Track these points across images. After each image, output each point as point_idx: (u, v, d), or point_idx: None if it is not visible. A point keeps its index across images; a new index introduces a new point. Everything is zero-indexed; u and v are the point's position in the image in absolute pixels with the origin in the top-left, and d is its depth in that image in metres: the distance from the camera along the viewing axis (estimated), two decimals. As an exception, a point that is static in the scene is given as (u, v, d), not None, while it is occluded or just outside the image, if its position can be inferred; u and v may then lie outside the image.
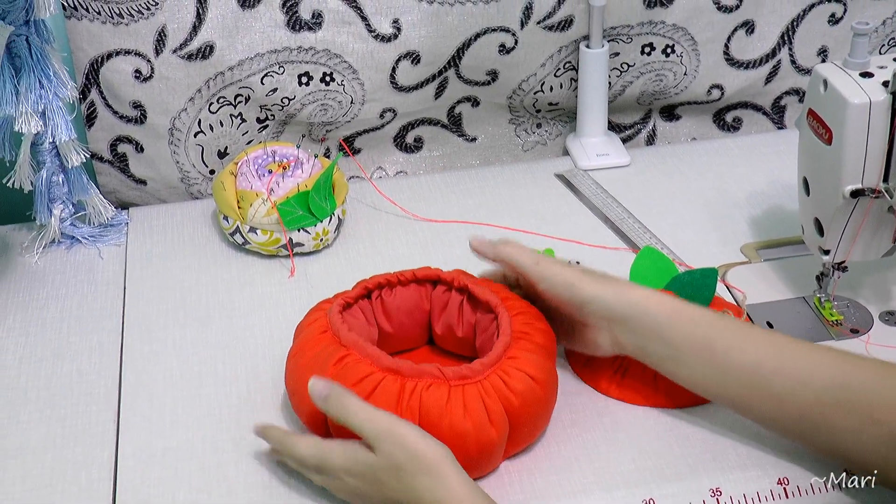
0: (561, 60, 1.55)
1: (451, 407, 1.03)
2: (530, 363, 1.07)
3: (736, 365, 1.04)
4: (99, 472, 1.11)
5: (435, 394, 1.03)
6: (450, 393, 1.03)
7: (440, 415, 1.02)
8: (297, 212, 1.35)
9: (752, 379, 1.04)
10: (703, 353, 1.06)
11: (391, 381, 1.04)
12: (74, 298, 1.35)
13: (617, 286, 1.10)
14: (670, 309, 1.08)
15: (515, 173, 1.56)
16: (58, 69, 1.31)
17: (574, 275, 1.11)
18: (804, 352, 1.04)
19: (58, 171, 1.39)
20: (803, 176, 1.22)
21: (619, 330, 1.10)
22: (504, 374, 1.06)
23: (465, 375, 1.04)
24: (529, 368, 1.06)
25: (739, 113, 1.66)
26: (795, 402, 1.02)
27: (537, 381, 1.07)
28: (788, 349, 1.04)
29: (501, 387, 1.05)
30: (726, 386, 1.06)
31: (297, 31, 1.43)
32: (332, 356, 1.07)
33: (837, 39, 1.59)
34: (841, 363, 1.02)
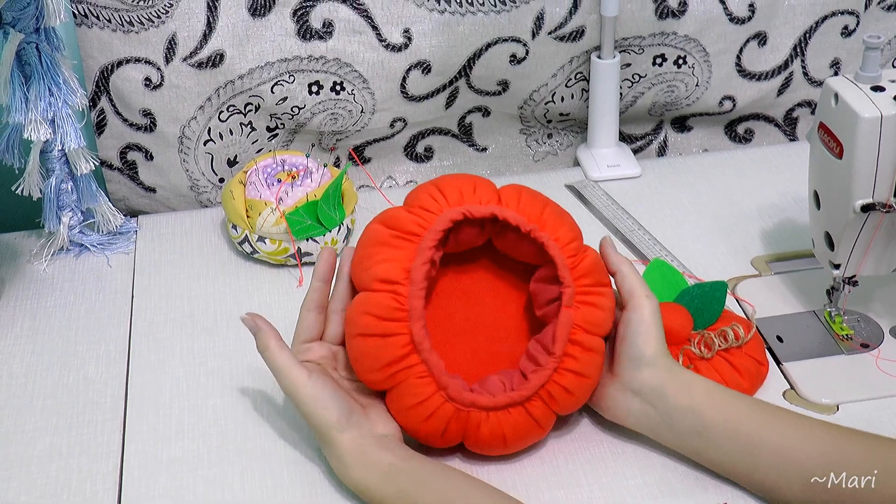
0: (572, 71, 1.54)
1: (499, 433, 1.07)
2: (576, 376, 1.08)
3: (766, 445, 1.04)
4: (104, 482, 1.11)
5: (484, 426, 1.07)
6: (498, 421, 1.07)
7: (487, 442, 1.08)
8: (305, 221, 1.35)
9: (781, 458, 1.03)
10: (732, 430, 1.05)
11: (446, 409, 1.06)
12: (82, 306, 1.35)
13: (674, 366, 1.09)
14: (706, 389, 1.07)
15: (526, 183, 1.52)
16: (68, 77, 1.31)
17: (656, 334, 1.09)
18: (832, 434, 1.04)
19: (67, 178, 1.39)
20: (814, 189, 1.21)
21: (651, 402, 1.08)
22: (556, 390, 1.07)
23: (512, 402, 1.07)
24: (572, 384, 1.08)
25: (751, 125, 1.65)
26: (827, 483, 1.01)
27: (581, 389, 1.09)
28: (818, 430, 1.04)
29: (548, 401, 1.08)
30: (753, 466, 1.04)
31: (307, 40, 1.43)
32: (395, 354, 1.05)
33: (850, 52, 1.59)
34: (872, 448, 1.02)
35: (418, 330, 1.05)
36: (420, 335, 1.05)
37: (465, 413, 1.06)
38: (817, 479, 1.01)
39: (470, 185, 1.12)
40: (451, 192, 1.10)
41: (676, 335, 1.19)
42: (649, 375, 1.08)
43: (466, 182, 1.12)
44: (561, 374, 1.07)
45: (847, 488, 1.00)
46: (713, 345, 1.18)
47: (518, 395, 1.06)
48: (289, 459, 1.12)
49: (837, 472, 1.00)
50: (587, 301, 1.09)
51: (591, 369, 1.08)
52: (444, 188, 1.11)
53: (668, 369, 1.08)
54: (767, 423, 1.05)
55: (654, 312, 1.10)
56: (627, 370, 1.09)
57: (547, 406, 1.07)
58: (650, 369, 1.08)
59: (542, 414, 1.07)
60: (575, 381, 1.07)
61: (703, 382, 1.08)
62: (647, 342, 1.08)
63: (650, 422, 1.09)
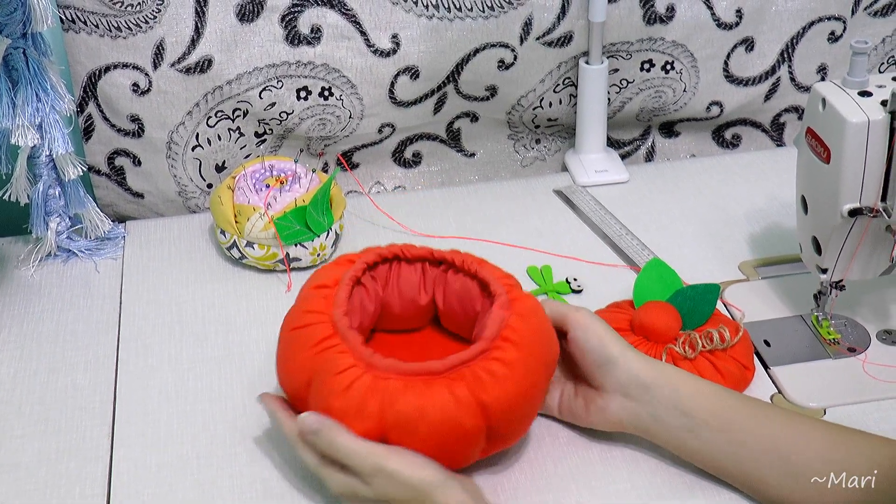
0: (560, 76, 1.55)
1: (424, 404, 1.01)
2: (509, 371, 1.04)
3: (754, 439, 1.04)
4: (93, 487, 1.11)
5: (408, 394, 1.02)
6: (424, 390, 1.02)
7: (414, 417, 1.01)
8: (294, 226, 1.35)
9: (768, 454, 1.03)
10: (721, 425, 1.05)
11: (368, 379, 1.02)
12: (70, 312, 1.34)
13: (650, 360, 1.09)
14: (695, 383, 1.08)
15: (514, 189, 1.56)
16: (55, 82, 1.31)
17: (609, 334, 1.10)
18: (820, 430, 1.04)
19: (54, 184, 1.39)
20: (801, 194, 1.21)
21: (635, 396, 1.08)
22: (482, 373, 1.03)
23: (431, 371, 1.02)
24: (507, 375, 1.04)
25: (738, 130, 1.66)
26: (818, 484, 1.02)
27: (517, 386, 1.04)
28: (807, 426, 1.04)
29: (475, 388, 1.02)
30: (742, 461, 1.05)
31: (295, 46, 1.43)
32: (318, 336, 1.06)
33: (837, 57, 1.59)
34: (864, 447, 1.02)
35: (340, 316, 1.05)
36: (342, 321, 1.05)
37: (382, 384, 1.02)
38: (817, 480, 1.01)
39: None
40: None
41: (663, 334, 1.19)
42: (624, 369, 1.08)
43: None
44: (488, 360, 1.02)
45: (847, 488, 1.00)
46: (697, 345, 1.18)
47: (438, 366, 1.02)
48: (278, 464, 1.12)
49: (837, 471, 1.01)
50: (519, 311, 1.07)
51: (519, 366, 1.03)
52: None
53: (642, 360, 1.08)
54: (758, 418, 1.05)
55: (592, 317, 1.10)
56: (603, 377, 1.09)
57: (470, 391, 1.01)
58: (623, 363, 1.08)
59: (464, 396, 1.01)
60: (501, 369, 1.02)
61: (689, 377, 1.08)
62: (604, 345, 1.08)
63: (641, 422, 1.08)
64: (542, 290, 1.35)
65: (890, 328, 1.27)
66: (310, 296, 1.10)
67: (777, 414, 1.06)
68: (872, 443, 1.03)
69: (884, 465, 1.00)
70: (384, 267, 1.17)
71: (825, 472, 1.01)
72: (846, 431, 1.05)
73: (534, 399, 1.07)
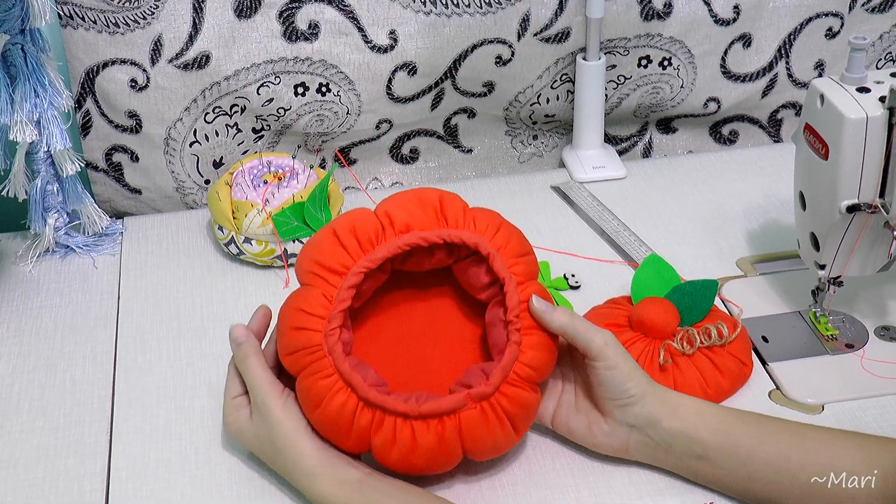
0: (558, 72, 1.55)
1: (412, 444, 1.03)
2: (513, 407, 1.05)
3: (761, 458, 1.04)
4: (91, 483, 1.11)
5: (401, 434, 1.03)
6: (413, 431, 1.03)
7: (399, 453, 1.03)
8: (292, 223, 1.35)
9: (778, 473, 1.03)
10: (729, 448, 1.05)
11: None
12: (68, 308, 1.34)
13: (659, 390, 1.08)
14: (698, 406, 1.07)
15: (511, 185, 1.56)
16: (53, 78, 1.31)
17: (634, 373, 1.07)
18: (824, 440, 1.04)
19: (52, 180, 1.38)
20: (800, 190, 1.21)
21: (644, 427, 1.07)
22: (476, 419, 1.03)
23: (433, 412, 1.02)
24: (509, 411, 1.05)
25: (736, 126, 1.66)
26: (823, 491, 1.01)
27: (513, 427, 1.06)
28: (812, 440, 1.04)
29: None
30: (753, 481, 1.04)
31: (293, 42, 1.43)
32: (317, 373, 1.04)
33: (835, 53, 1.59)
34: (869, 447, 1.03)
35: (334, 343, 1.03)
36: (333, 342, 1.03)
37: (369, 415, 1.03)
38: (817, 479, 1.01)
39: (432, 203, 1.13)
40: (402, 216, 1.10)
41: (661, 330, 1.19)
42: (639, 409, 1.06)
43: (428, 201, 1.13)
44: (482, 410, 1.03)
45: (846, 488, 1.00)
46: (695, 341, 1.18)
47: (424, 409, 1.02)
48: (276, 460, 1.12)
49: (837, 472, 1.01)
50: (534, 343, 1.06)
51: (509, 420, 1.04)
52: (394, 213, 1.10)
53: (655, 397, 1.07)
54: (761, 436, 1.05)
55: (619, 352, 1.07)
56: (617, 410, 1.07)
57: (456, 433, 1.03)
58: (641, 405, 1.06)
59: (451, 439, 1.03)
60: (495, 419, 1.03)
61: (693, 402, 1.08)
62: (627, 381, 1.06)
63: (649, 450, 1.07)
64: (540, 286, 1.35)
65: (888, 324, 1.27)
66: (307, 284, 1.07)
67: (779, 427, 1.06)
68: (867, 444, 1.03)
69: (881, 466, 1.00)
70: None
71: (825, 474, 1.01)
72: (844, 436, 1.05)
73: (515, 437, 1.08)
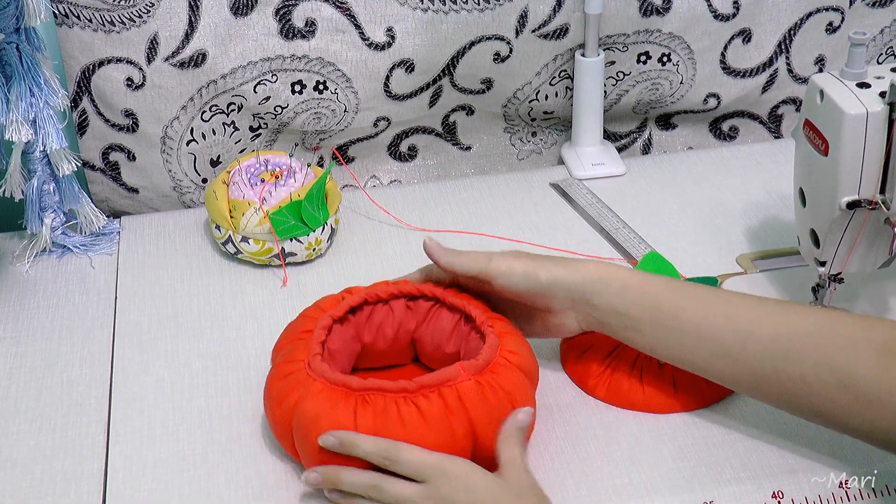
0: (556, 69, 1.54)
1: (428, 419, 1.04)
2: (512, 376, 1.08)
3: (686, 325, 1.07)
4: (88, 484, 1.11)
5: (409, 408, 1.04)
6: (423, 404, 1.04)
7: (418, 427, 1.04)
8: (289, 221, 1.34)
9: (702, 338, 1.06)
10: (654, 318, 1.08)
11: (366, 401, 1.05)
12: (65, 308, 1.34)
13: (570, 265, 1.12)
14: (622, 279, 1.10)
15: (510, 182, 1.55)
16: (49, 77, 1.30)
17: (528, 264, 1.13)
18: (749, 305, 1.06)
19: (49, 179, 1.38)
20: (799, 187, 1.21)
21: (580, 307, 1.12)
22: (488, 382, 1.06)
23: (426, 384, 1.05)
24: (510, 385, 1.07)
25: (736, 122, 1.65)
26: (746, 356, 1.04)
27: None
28: (734, 304, 1.07)
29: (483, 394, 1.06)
30: (681, 348, 1.08)
31: (290, 40, 1.43)
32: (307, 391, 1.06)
33: (835, 48, 1.59)
34: (786, 314, 1.04)
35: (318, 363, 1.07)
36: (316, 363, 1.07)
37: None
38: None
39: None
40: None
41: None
42: (560, 291, 1.11)
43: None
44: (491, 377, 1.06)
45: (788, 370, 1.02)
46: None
47: (423, 381, 1.05)
48: (274, 460, 1.11)
49: (750, 340, 1.03)
50: (508, 334, 1.12)
51: (505, 394, 1.07)
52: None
53: (571, 272, 1.11)
54: (685, 303, 1.08)
55: (507, 258, 1.13)
56: (547, 302, 1.13)
57: (459, 401, 1.05)
58: (556, 286, 1.11)
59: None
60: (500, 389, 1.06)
61: (618, 275, 1.11)
62: (531, 278, 1.12)
63: (591, 324, 1.13)
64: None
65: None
66: (293, 345, 1.12)
67: (705, 294, 1.09)
68: (770, 305, 1.06)
69: (792, 329, 1.03)
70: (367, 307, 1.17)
71: (741, 342, 1.04)
72: (763, 302, 1.08)
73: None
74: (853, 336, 1.01)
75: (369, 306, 1.17)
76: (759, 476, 1.08)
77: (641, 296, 1.09)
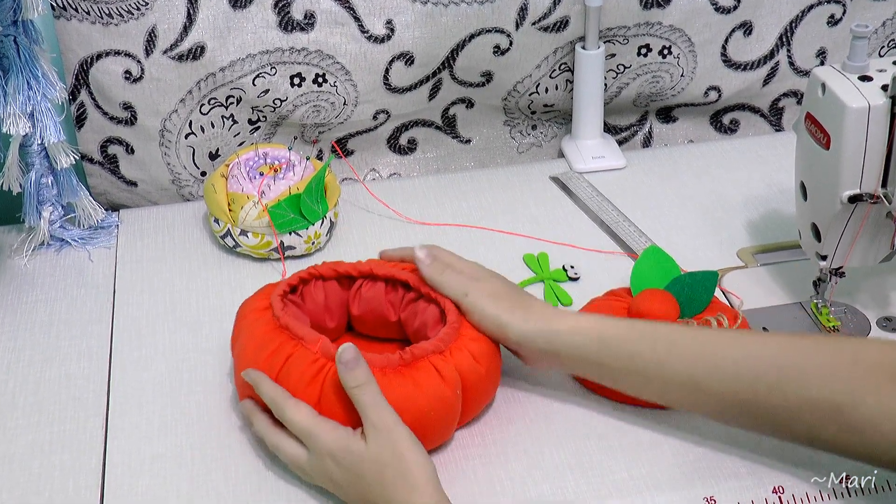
0: (556, 62, 1.54)
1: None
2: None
3: (669, 376, 1.05)
4: (86, 479, 1.10)
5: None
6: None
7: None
8: (288, 215, 1.34)
9: (686, 386, 1.05)
10: (635, 370, 1.07)
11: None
12: (63, 302, 1.34)
13: (542, 320, 1.10)
14: (597, 334, 1.08)
15: (510, 176, 1.55)
16: (46, 70, 1.30)
17: (500, 313, 1.11)
18: (731, 346, 1.04)
19: (47, 172, 1.38)
20: (801, 180, 1.21)
21: (552, 362, 1.11)
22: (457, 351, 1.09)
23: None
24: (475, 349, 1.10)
25: (737, 115, 1.65)
26: (734, 397, 1.02)
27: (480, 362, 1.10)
28: (715, 347, 1.05)
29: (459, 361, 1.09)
30: (667, 394, 1.07)
31: (289, 32, 1.42)
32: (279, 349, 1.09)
33: (836, 41, 1.58)
34: (768, 348, 1.03)
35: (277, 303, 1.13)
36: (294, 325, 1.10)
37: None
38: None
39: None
40: None
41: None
42: (531, 349, 1.11)
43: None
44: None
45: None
46: (696, 334, 1.18)
47: (416, 351, 1.08)
48: (273, 455, 1.11)
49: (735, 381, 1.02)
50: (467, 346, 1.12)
51: (481, 363, 1.10)
52: None
53: (542, 330, 1.10)
54: (661, 356, 1.06)
55: (477, 293, 1.13)
56: (517, 351, 1.13)
57: (455, 367, 1.08)
58: (527, 344, 1.10)
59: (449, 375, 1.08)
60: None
61: (588, 324, 1.09)
62: (502, 331, 1.11)
63: (566, 371, 1.14)
64: (538, 278, 1.34)
65: (890, 315, 1.26)
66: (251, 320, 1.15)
67: (684, 341, 1.06)
68: (751, 342, 1.05)
69: (756, 360, 1.02)
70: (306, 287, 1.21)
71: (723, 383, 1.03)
72: (735, 338, 1.06)
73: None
74: (838, 363, 0.99)
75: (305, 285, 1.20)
76: (759, 471, 1.07)
77: (618, 349, 1.07)
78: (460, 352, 1.09)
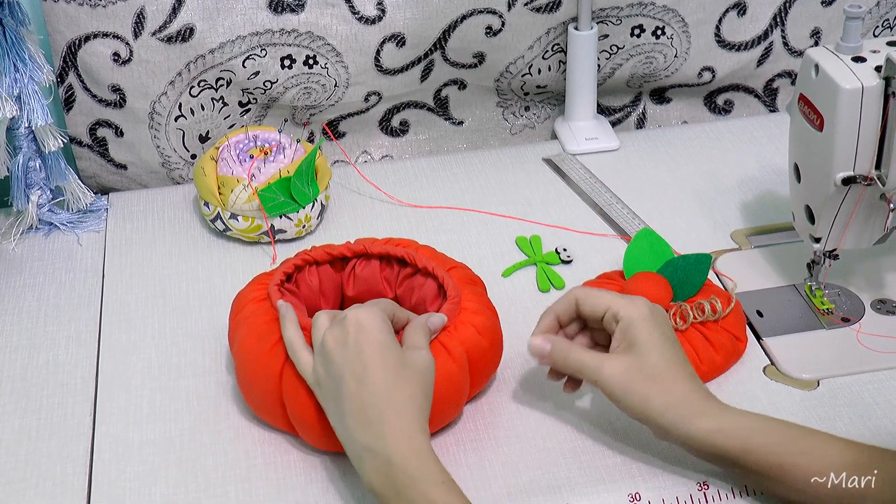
0: (549, 43, 1.53)
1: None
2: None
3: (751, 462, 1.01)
4: (74, 465, 1.10)
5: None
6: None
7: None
8: (278, 198, 1.33)
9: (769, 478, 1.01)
10: (779, 476, 1.00)
11: None
12: (52, 286, 1.33)
13: (684, 410, 1.02)
14: (741, 442, 1.01)
15: (503, 157, 1.54)
16: (34, 52, 1.29)
17: (636, 390, 1.03)
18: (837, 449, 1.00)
19: (35, 156, 1.37)
20: (794, 162, 1.20)
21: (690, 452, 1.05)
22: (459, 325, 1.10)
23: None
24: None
25: (731, 96, 1.64)
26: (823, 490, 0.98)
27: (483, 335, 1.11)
28: (820, 446, 1.00)
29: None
30: (746, 478, 1.03)
31: (279, 13, 1.41)
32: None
33: (831, 21, 1.57)
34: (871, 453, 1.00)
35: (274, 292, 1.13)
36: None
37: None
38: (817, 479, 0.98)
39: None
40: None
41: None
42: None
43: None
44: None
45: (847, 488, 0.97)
46: (688, 317, 1.17)
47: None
48: (262, 440, 1.11)
49: (837, 473, 0.98)
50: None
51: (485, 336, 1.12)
52: None
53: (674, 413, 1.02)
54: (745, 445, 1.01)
55: (612, 376, 1.04)
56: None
57: (460, 343, 1.09)
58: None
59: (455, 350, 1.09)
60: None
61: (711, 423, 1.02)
62: (627, 400, 1.04)
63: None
64: (531, 261, 1.33)
65: (884, 297, 1.25)
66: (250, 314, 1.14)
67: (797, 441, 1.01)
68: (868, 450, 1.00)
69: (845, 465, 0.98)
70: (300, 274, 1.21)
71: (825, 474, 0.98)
72: (846, 444, 1.01)
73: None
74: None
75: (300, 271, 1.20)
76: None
77: (767, 455, 1.00)
78: (465, 326, 1.10)
